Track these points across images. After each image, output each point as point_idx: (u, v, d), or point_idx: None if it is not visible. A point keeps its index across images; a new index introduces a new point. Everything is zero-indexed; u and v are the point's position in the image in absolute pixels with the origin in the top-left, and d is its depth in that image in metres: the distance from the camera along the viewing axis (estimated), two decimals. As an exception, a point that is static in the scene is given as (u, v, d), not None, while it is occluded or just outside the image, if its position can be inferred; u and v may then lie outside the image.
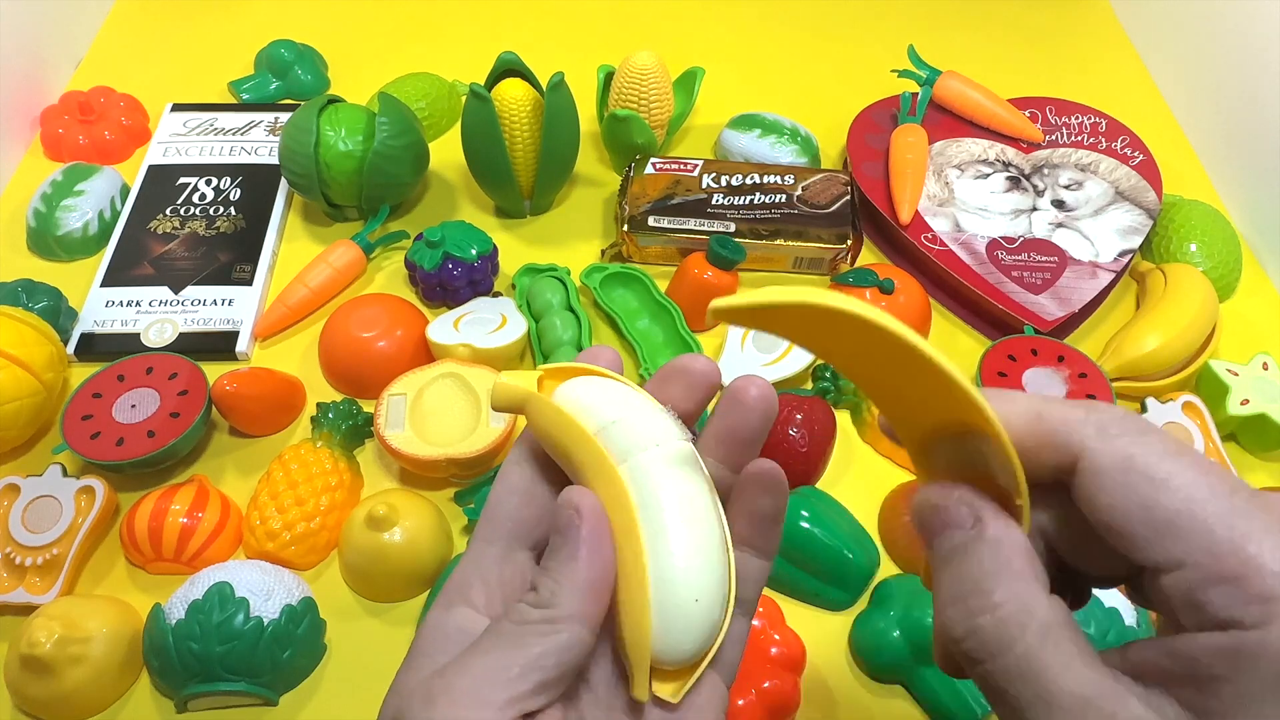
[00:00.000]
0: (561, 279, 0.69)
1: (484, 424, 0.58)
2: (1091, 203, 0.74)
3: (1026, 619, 0.22)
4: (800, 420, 0.61)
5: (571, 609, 0.25)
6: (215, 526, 0.56)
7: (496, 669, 0.25)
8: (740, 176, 0.74)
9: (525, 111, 0.70)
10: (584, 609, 0.26)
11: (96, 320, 0.68)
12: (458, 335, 0.63)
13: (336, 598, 0.56)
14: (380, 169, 0.70)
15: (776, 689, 0.49)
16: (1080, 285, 0.69)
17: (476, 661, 0.25)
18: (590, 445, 0.27)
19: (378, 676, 0.54)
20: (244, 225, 0.74)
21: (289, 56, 0.86)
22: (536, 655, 0.25)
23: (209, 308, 0.69)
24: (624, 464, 0.27)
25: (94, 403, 0.59)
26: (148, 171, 0.78)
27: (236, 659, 0.49)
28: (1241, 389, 0.63)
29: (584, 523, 0.26)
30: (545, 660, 0.25)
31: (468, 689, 0.24)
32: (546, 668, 0.25)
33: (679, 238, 0.71)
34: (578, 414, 0.28)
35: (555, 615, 0.25)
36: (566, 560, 0.26)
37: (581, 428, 0.27)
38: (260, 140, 0.80)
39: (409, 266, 0.70)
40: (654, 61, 0.75)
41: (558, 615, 0.25)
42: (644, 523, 0.26)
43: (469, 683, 0.24)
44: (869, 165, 0.76)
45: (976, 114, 0.80)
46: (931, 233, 0.72)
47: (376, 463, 0.62)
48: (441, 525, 0.57)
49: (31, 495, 0.56)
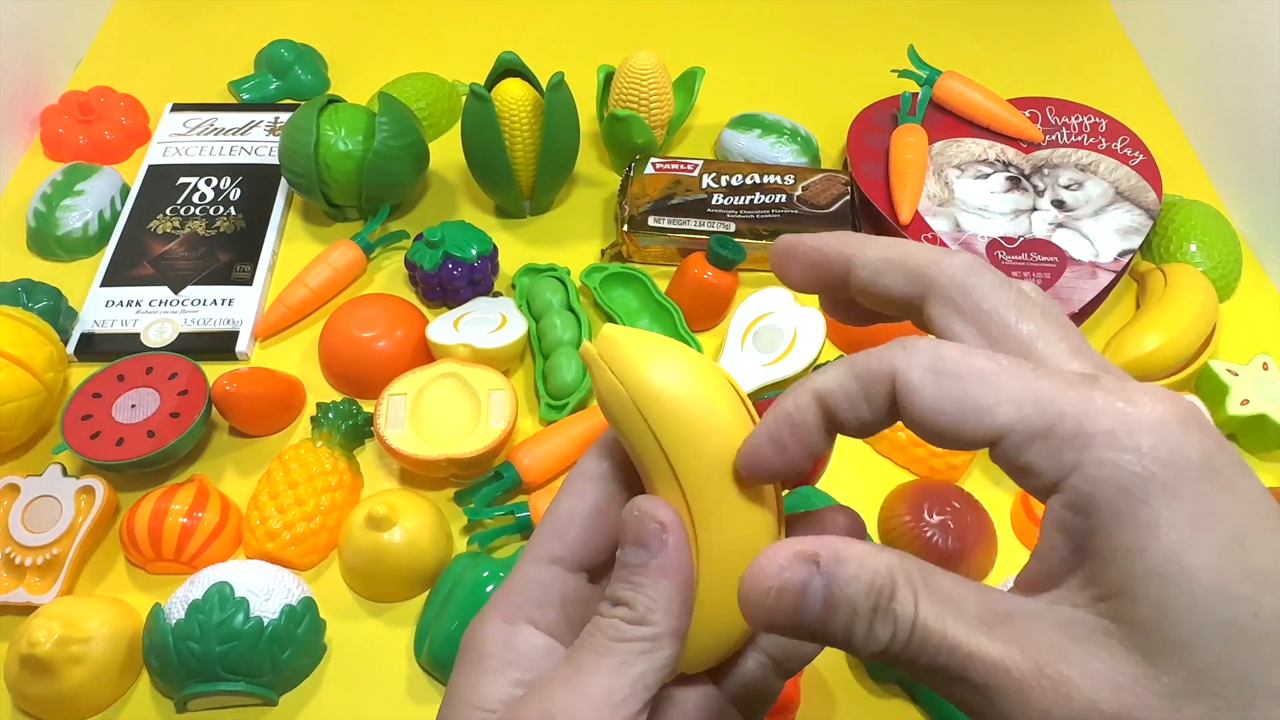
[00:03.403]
0: (561, 279, 0.69)
1: (484, 424, 0.58)
2: (1091, 203, 0.74)
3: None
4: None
5: (669, 625, 0.25)
6: (215, 526, 0.56)
7: (609, 690, 0.24)
8: (740, 176, 0.74)
9: (525, 111, 0.70)
10: (679, 625, 0.26)
11: (96, 320, 0.68)
12: (458, 335, 0.63)
13: (336, 598, 0.56)
14: (380, 169, 0.70)
15: (776, 689, 0.49)
16: (1080, 285, 0.69)
17: (588, 683, 0.25)
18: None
19: (378, 676, 0.54)
20: (244, 225, 0.74)
21: (289, 56, 0.86)
22: (640, 674, 0.25)
23: (209, 308, 0.69)
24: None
25: (94, 403, 0.59)
26: (148, 171, 0.77)
27: (236, 659, 0.49)
28: (1241, 389, 0.63)
29: (670, 536, 0.26)
30: (650, 679, 0.25)
31: (587, 713, 0.24)
32: (651, 686, 0.25)
33: (679, 238, 0.71)
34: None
35: (656, 633, 0.25)
36: (658, 575, 0.26)
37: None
38: (260, 140, 0.80)
39: (409, 266, 0.70)
40: (654, 61, 0.75)
41: (658, 633, 0.25)
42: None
43: (587, 707, 0.24)
44: (869, 165, 0.76)
45: (976, 114, 0.80)
46: (931, 233, 0.72)
47: (376, 463, 0.62)
48: (441, 525, 0.57)
49: (31, 495, 0.56)
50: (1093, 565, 0.21)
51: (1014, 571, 0.56)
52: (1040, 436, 0.21)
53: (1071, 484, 0.21)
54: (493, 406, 0.59)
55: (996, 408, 0.21)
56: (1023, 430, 0.21)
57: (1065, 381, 0.21)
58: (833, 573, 0.22)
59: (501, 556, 0.57)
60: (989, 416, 0.21)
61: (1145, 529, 0.20)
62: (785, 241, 0.28)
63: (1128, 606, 0.20)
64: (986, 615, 0.21)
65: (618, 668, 0.25)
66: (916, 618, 0.21)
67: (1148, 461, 0.20)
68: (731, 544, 0.26)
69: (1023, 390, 0.22)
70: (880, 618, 0.21)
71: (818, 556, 0.22)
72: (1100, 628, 0.20)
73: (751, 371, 0.65)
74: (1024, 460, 0.21)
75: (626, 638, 0.25)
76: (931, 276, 0.25)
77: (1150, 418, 0.20)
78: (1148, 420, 0.20)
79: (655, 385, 0.27)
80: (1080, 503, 0.21)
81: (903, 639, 0.21)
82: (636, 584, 0.26)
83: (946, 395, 0.22)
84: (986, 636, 0.21)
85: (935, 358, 0.22)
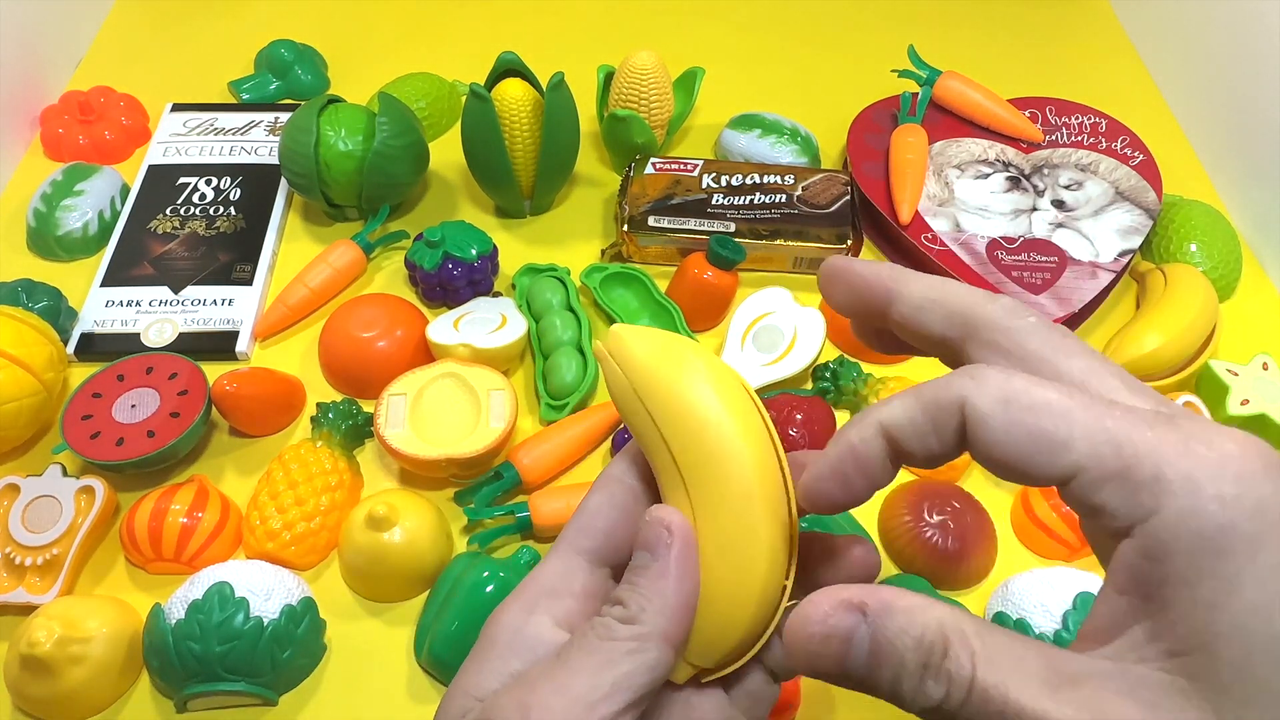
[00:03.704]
0: (561, 279, 0.69)
1: (484, 424, 0.58)
2: (1091, 203, 0.74)
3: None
4: (800, 420, 0.61)
5: (660, 628, 0.25)
6: (215, 526, 0.56)
7: (590, 688, 0.24)
8: (740, 176, 0.74)
9: (525, 111, 0.70)
10: (671, 629, 0.25)
11: (96, 320, 0.68)
12: (458, 335, 0.63)
13: (336, 598, 0.56)
14: (380, 169, 0.70)
15: (776, 689, 0.49)
16: (1080, 285, 0.69)
17: (569, 679, 0.25)
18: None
19: (378, 676, 0.54)
20: (244, 225, 0.74)
21: (289, 56, 0.86)
22: (625, 674, 0.25)
23: (209, 308, 0.69)
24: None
25: (94, 403, 0.59)
26: (148, 171, 0.77)
27: (236, 659, 0.49)
28: (1241, 389, 0.63)
29: (675, 541, 0.26)
30: (635, 680, 0.25)
31: (563, 708, 0.24)
32: (635, 687, 0.25)
33: (679, 238, 0.71)
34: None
35: (644, 633, 0.25)
36: (656, 578, 0.26)
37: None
38: (260, 140, 0.80)
39: (409, 266, 0.70)
40: (654, 61, 0.75)
41: (647, 633, 0.25)
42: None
43: (564, 702, 0.24)
44: (869, 165, 0.76)
45: (976, 114, 0.80)
46: (931, 233, 0.72)
47: (376, 463, 0.62)
48: (441, 525, 0.57)
49: (31, 495, 0.56)
50: (1164, 617, 0.20)
51: (1014, 571, 0.56)
52: (1116, 477, 0.20)
53: (1147, 530, 0.20)
54: (493, 406, 0.59)
55: (1071, 444, 0.21)
56: (1097, 470, 0.20)
57: (1142, 420, 0.20)
58: (880, 624, 0.21)
59: (501, 556, 0.57)
60: (1063, 453, 0.21)
61: (1227, 583, 0.19)
62: (834, 263, 0.28)
63: (1205, 664, 0.19)
64: (1050, 678, 0.20)
65: (602, 666, 0.25)
66: (975, 678, 0.20)
67: (1231, 510, 0.19)
68: (738, 555, 0.26)
69: (1098, 427, 0.21)
70: (932, 675, 0.20)
71: (865, 606, 0.22)
72: (1173, 687, 0.19)
73: (751, 372, 0.65)
74: (1096, 501, 0.20)
75: (615, 637, 0.25)
76: (974, 318, 0.25)
77: (1233, 463, 0.19)
78: (1230, 466, 0.19)
79: (665, 391, 0.27)
80: (1155, 550, 0.19)
81: (958, 698, 0.20)
82: (634, 585, 0.26)
83: (1019, 427, 0.21)
84: (1052, 700, 0.20)
85: (1006, 387, 0.22)
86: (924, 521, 0.57)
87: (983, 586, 0.58)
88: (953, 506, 0.57)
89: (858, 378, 0.64)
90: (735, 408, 0.27)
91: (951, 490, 0.59)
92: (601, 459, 0.63)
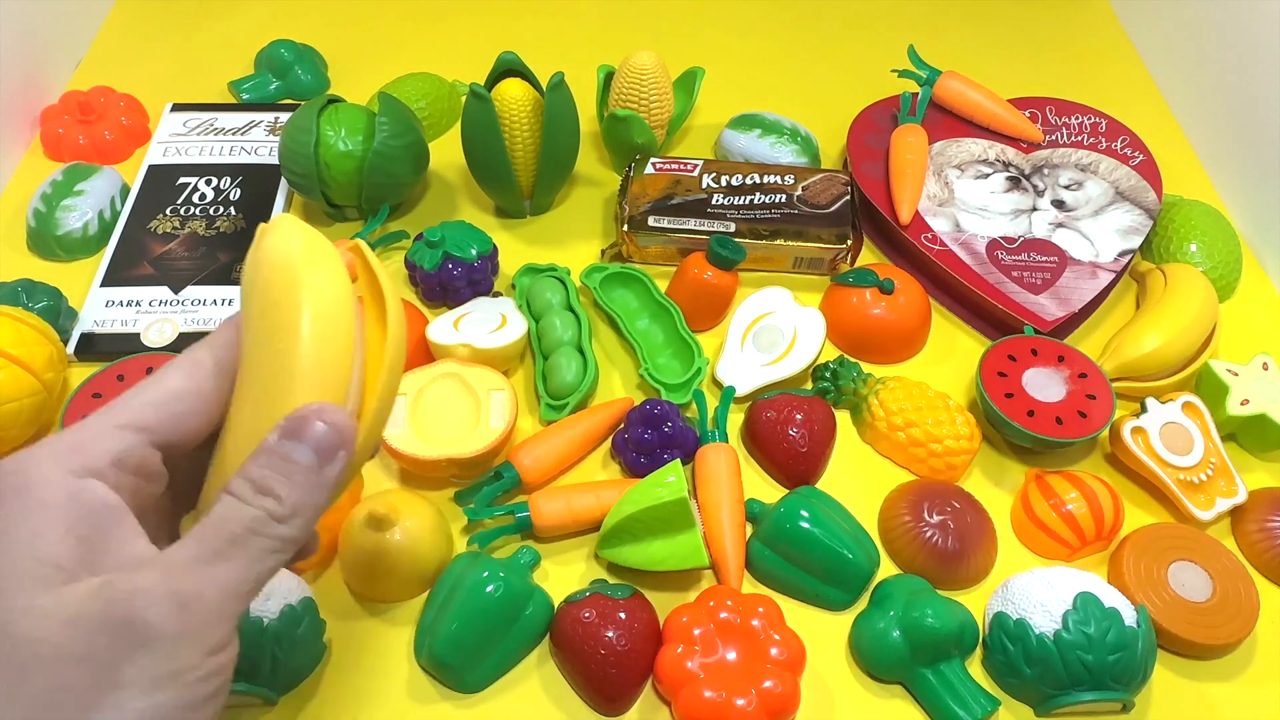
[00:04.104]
0: (561, 279, 0.69)
1: (484, 424, 0.58)
2: (1091, 203, 0.74)
3: None
4: (800, 420, 0.61)
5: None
6: (215, 526, 0.56)
7: (240, 580, 0.28)
8: (740, 176, 0.74)
9: (525, 111, 0.70)
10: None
11: (96, 320, 0.68)
12: (458, 335, 0.63)
13: (336, 598, 0.56)
14: (380, 169, 0.70)
15: (776, 689, 0.49)
16: (1080, 285, 0.69)
17: (220, 570, 0.27)
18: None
19: (378, 676, 0.54)
20: (244, 225, 0.74)
21: (289, 56, 0.86)
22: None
23: (209, 308, 0.69)
24: None
25: (94, 403, 0.59)
26: (148, 171, 0.78)
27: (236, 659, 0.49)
28: (1241, 389, 0.63)
29: (346, 455, 0.30)
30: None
31: (218, 600, 0.27)
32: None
33: (679, 238, 0.71)
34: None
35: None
36: (316, 488, 0.29)
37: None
38: (260, 140, 0.80)
39: (409, 266, 0.70)
40: (654, 61, 0.75)
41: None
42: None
43: (218, 594, 0.27)
44: (869, 165, 0.76)
45: (976, 114, 0.80)
46: (931, 233, 0.72)
47: (376, 463, 0.62)
48: (441, 525, 0.57)
49: (31, 495, 0.56)
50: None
51: (1014, 571, 0.56)
52: None
53: None
54: (493, 406, 0.59)
55: None
56: None
57: None
58: None
59: (502, 556, 0.57)
60: None
61: None
62: None
63: None
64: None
65: (253, 560, 0.26)
66: None
67: None
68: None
69: None
70: None
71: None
72: None
73: (752, 372, 0.65)
74: None
75: (267, 534, 0.27)
76: None
77: None
78: None
79: (266, 278, 0.31)
80: None
81: None
82: (290, 479, 0.27)
83: None
84: None
85: None
86: (924, 521, 0.57)
87: (983, 586, 0.58)
88: (953, 506, 0.57)
89: (858, 378, 0.64)
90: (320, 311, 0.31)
91: (951, 490, 0.59)
92: (602, 459, 0.63)
